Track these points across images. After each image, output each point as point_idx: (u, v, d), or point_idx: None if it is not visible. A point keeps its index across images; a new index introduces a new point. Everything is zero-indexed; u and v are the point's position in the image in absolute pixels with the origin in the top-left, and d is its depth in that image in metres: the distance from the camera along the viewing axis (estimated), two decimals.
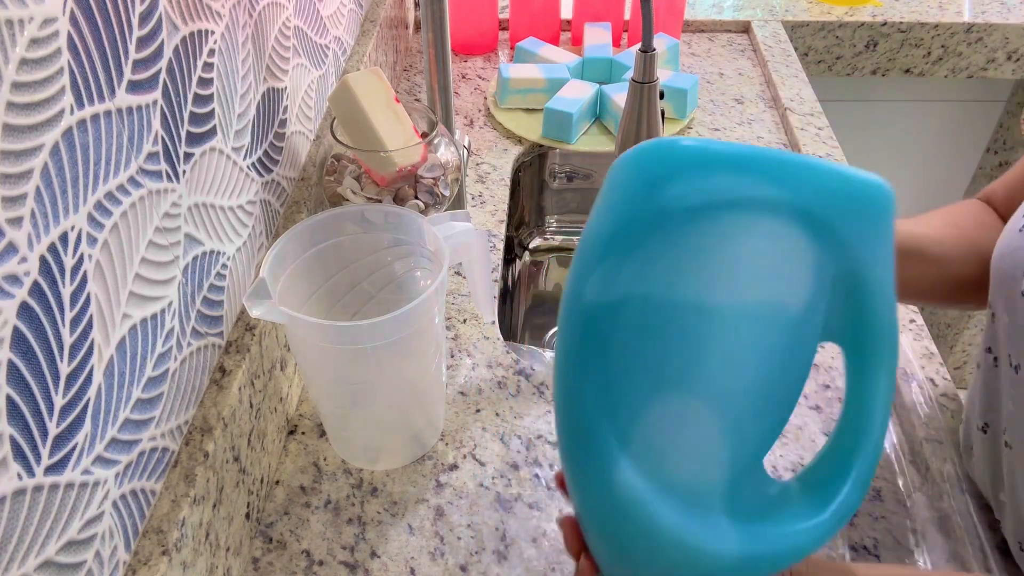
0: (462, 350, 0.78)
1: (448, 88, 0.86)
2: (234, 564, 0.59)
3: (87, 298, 0.42)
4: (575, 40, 1.28)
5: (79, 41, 0.40)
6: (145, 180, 0.47)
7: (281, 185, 0.72)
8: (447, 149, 0.75)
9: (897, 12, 1.37)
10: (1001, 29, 1.34)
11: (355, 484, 0.67)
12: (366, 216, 0.64)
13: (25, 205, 0.36)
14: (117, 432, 0.45)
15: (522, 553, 0.62)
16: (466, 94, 1.18)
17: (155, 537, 0.48)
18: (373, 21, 1.03)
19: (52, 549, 0.40)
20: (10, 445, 0.36)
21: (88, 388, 0.42)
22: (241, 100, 0.62)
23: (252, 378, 0.61)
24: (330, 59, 0.87)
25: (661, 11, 1.21)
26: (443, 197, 0.73)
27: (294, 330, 0.57)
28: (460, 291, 0.85)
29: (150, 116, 0.48)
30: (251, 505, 0.62)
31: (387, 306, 0.68)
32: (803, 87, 1.16)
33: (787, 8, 1.38)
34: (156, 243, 0.49)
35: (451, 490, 0.66)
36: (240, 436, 0.59)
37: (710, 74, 1.23)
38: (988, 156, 1.60)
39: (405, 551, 0.62)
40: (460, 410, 0.72)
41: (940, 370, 0.74)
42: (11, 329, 0.36)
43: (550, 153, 1.10)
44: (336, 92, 0.69)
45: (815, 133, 1.06)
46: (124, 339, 0.45)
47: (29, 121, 0.37)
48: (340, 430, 0.67)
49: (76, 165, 0.40)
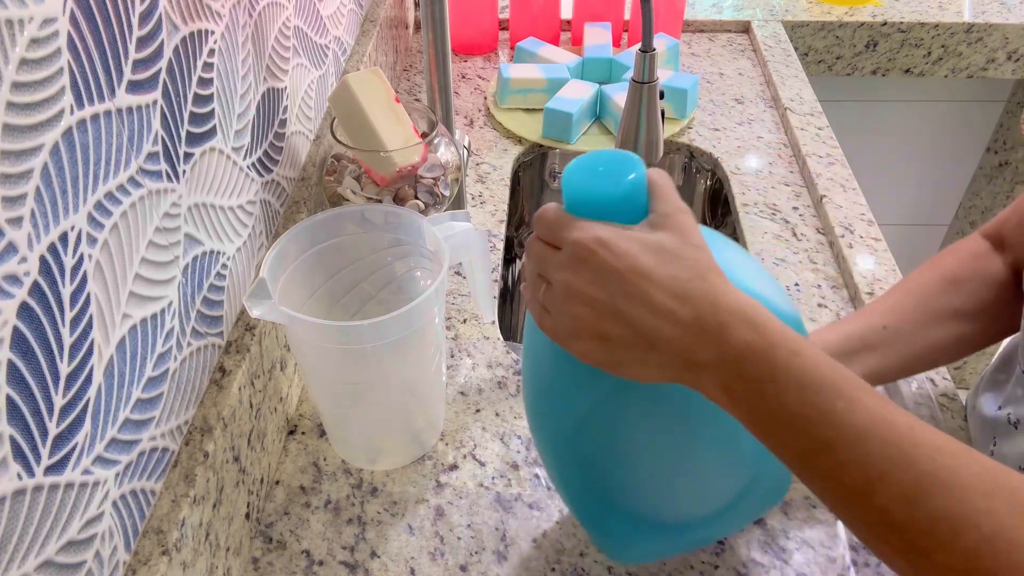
0: (462, 350, 0.78)
1: (448, 88, 0.86)
2: (234, 564, 0.59)
3: (87, 298, 0.42)
4: (575, 40, 1.28)
5: (79, 41, 0.40)
6: (145, 180, 0.47)
7: (281, 185, 0.72)
8: (447, 149, 0.75)
9: (897, 12, 1.37)
10: (1001, 29, 1.34)
11: (355, 484, 0.67)
12: (366, 216, 0.64)
13: (25, 205, 0.36)
14: (117, 432, 0.45)
15: (522, 553, 0.62)
16: (466, 94, 1.18)
17: (155, 537, 0.48)
18: (373, 21, 1.03)
19: (52, 549, 0.40)
20: (10, 445, 0.36)
21: (88, 388, 0.42)
22: (241, 100, 0.62)
23: (252, 378, 0.61)
24: (330, 59, 0.87)
25: (661, 11, 1.21)
26: (443, 197, 0.73)
27: (294, 330, 0.57)
28: (460, 291, 0.85)
29: (150, 116, 0.48)
30: (251, 505, 0.62)
31: (387, 306, 0.68)
32: (803, 87, 1.16)
33: (787, 8, 1.38)
34: (156, 243, 0.49)
35: (451, 490, 0.66)
36: (240, 436, 0.59)
37: (710, 74, 1.23)
38: (988, 156, 1.60)
39: (405, 551, 0.62)
40: (460, 410, 0.72)
41: (940, 370, 0.74)
42: (11, 329, 0.36)
43: (550, 153, 1.10)
44: (336, 92, 0.69)
45: (815, 133, 1.06)
46: (124, 339, 0.45)
47: (29, 121, 0.37)
48: (340, 430, 0.67)
49: (76, 165, 0.40)
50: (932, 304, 0.61)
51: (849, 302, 0.83)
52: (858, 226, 0.90)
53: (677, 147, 1.09)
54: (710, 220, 1.12)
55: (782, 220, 0.94)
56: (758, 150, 1.07)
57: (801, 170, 1.02)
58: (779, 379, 0.37)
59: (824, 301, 0.84)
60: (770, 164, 1.04)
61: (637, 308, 0.39)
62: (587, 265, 0.40)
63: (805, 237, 0.92)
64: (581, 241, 0.40)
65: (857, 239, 0.88)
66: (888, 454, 0.35)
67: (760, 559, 0.61)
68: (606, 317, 0.40)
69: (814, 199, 0.97)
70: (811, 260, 0.89)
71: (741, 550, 0.61)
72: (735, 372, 0.38)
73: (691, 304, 0.39)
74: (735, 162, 1.04)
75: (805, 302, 0.83)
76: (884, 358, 0.61)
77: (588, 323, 0.40)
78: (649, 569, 0.60)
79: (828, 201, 0.94)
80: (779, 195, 0.99)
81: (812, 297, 0.84)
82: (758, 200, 0.98)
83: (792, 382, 0.37)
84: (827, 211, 0.93)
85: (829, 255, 0.89)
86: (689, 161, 1.11)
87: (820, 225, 0.94)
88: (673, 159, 1.13)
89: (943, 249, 0.67)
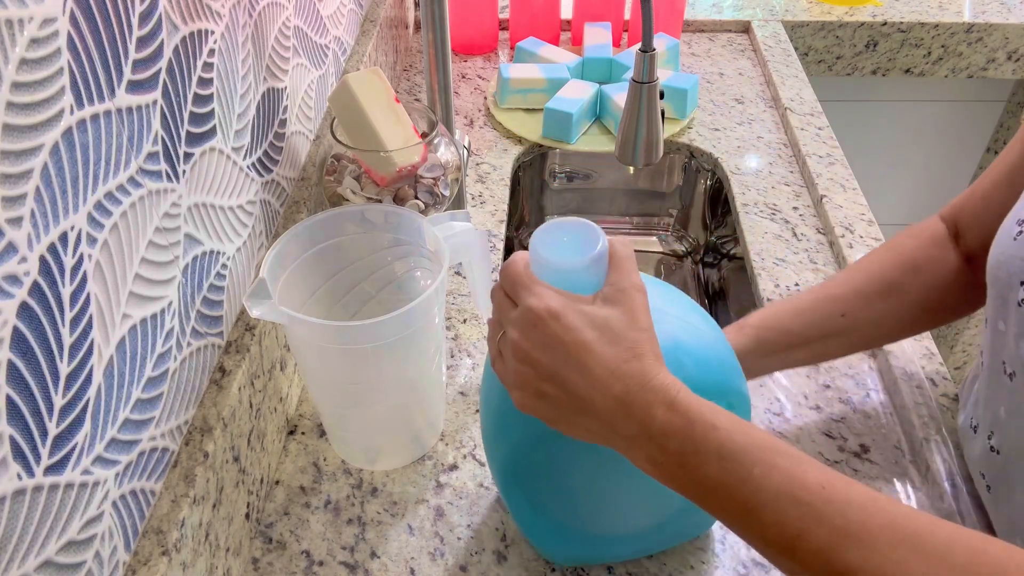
0: (462, 350, 0.78)
1: (448, 88, 0.86)
2: (234, 564, 0.58)
3: (87, 298, 0.42)
4: (575, 40, 1.28)
5: (79, 41, 0.40)
6: (145, 180, 0.47)
7: (281, 185, 0.72)
8: (447, 149, 0.75)
9: (897, 12, 1.37)
10: (1001, 29, 1.34)
11: (355, 484, 0.66)
12: (366, 216, 0.64)
13: (25, 205, 0.36)
14: (117, 432, 0.45)
15: (522, 553, 0.62)
16: (466, 94, 1.18)
17: (155, 537, 0.48)
18: (373, 21, 1.03)
19: (52, 549, 0.40)
20: (10, 445, 0.36)
21: (88, 388, 0.42)
22: (241, 100, 0.62)
23: (252, 378, 0.61)
24: (330, 59, 0.87)
25: (661, 11, 1.21)
26: (443, 197, 0.73)
27: (294, 330, 0.57)
28: (460, 291, 0.85)
29: (150, 116, 0.48)
30: (251, 505, 0.62)
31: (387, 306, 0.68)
32: (803, 87, 1.16)
33: (787, 8, 1.38)
34: (156, 243, 0.49)
35: (451, 490, 0.66)
36: (240, 436, 0.59)
37: (710, 74, 1.23)
38: (988, 156, 1.60)
39: (405, 551, 0.62)
40: (460, 410, 0.72)
41: (940, 370, 0.74)
42: (11, 329, 0.36)
43: (550, 153, 1.10)
44: (336, 92, 0.69)
45: (815, 133, 1.06)
46: (124, 339, 0.45)
47: (29, 121, 0.37)
48: (340, 430, 0.67)
49: (76, 165, 0.40)
50: (890, 290, 0.64)
51: None
52: (858, 226, 0.90)
53: (677, 147, 1.09)
54: (710, 220, 1.12)
55: (782, 220, 0.94)
56: (758, 150, 1.07)
57: (801, 170, 1.02)
58: (699, 452, 0.40)
59: None
60: (770, 164, 1.04)
61: (575, 376, 0.42)
62: (536, 331, 0.43)
63: (805, 237, 0.92)
64: (535, 308, 0.43)
65: (857, 239, 0.88)
66: (802, 513, 0.38)
67: (760, 559, 0.61)
68: (546, 379, 0.43)
69: (814, 199, 0.97)
70: (811, 260, 0.89)
71: (741, 550, 0.61)
72: (658, 446, 0.41)
73: (623, 382, 0.42)
74: (735, 162, 1.04)
75: None
76: (844, 344, 0.67)
77: (529, 380, 0.44)
78: (649, 569, 0.60)
79: (828, 201, 0.94)
80: (779, 195, 0.99)
81: None
82: (758, 200, 0.98)
83: (711, 454, 0.40)
84: (827, 211, 0.93)
85: (829, 255, 0.89)
86: (689, 161, 1.11)
87: (820, 225, 0.94)
88: (673, 159, 1.13)
89: (901, 231, 0.68)
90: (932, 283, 0.64)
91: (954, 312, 0.66)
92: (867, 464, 0.68)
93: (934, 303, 0.65)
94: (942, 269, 0.64)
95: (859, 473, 0.67)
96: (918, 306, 0.65)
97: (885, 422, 0.72)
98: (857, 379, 0.75)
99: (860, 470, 0.67)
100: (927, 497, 0.66)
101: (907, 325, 0.67)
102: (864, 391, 0.74)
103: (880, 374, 0.76)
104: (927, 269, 0.64)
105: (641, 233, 1.20)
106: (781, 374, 0.75)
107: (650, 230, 1.20)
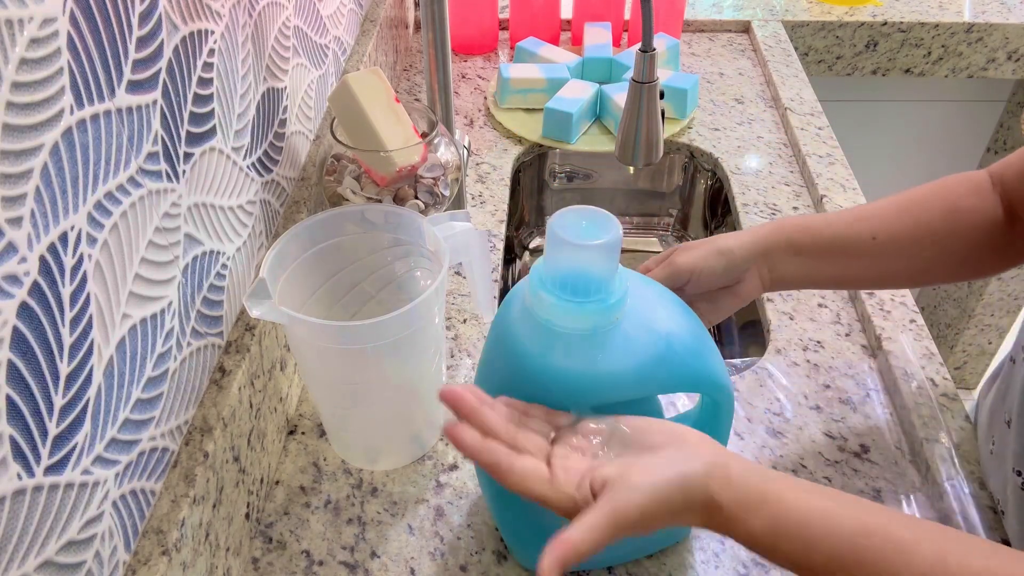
0: (462, 350, 0.78)
1: (448, 88, 0.86)
2: (234, 564, 0.59)
3: (87, 298, 0.42)
4: (575, 40, 1.28)
5: (79, 41, 0.40)
6: (145, 180, 0.47)
7: (281, 185, 0.72)
8: (447, 149, 0.75)
9: (897, 12, 1.37)
10: (1001, 29, 1.34)
11: (355, 484, 0.66)
12: (366, 216, 0.64)
13: (25, 205, 0.36)
14: (117, 432, 0.45)
15: None
16: (466, 94, 1.18)
17: (155, 537, 0.48)
18: (373, 21, 1.03)
19: (52, 549, 0.40)
20: (10, 445, 0.36)
21: (88, 388, 0.42)
22: (241, 100, 0.62)
23: (252, 378, 0.61)
24: (330, 59, 0.87)
25: (661, 11, 1.21)
26: (443, 197, 0.73)
27: (294, 330, 0.57)
28: (460, 291, 0.85)
29: (150, 116, 0.48)
30: (251, 505, 0.62)
31: (387, 306, 0.68)
32: (803, 87, 1.16)
33: (787, 8, 1.38)
34: (156, 243, 0.49)
35: (451, 490, 0.66)
36: (240, 436, 0.59)
37: (710, 74, 1.23)
38: (988, 156, 1.60)
39: (405, 551, 0.62)
40: None
41: (940, 370, 0.74)
42: (11, 329, 0.36)
43: (550, 153, 1.10)
44: (336, 92, 0.69)
45: (815, 133, 1.06)
46: (124, 339, 0.45)
47: (29, 121, 0.37)
48: (340, 430, 0.67)
49: (76, 165, 0.40)
50: (928, 228, 0.62)
51: (849, 302, 0.83)
52: None
53: (677, 147, 1.09)
54: (710, 220, 1.12)
55: None
56: (758, 150, 1.07)
57: (801, 170, 1.02)
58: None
59: (824, 301, 0.84)
60: (770, 164, 1.04)
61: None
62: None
63: None
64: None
65: None
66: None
67: (760, 559, 0.61)
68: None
69: (814, 199, 0.97)
70: None
71: (741, 550, 0.61)
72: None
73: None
74: (735, 162, 1.04)
75: (805, 302, 0.83)
76: (865, 268, 0.64)
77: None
78: (649, 569, 0.60)
79: (828, 201, 0.94)
80: (779, 195, 0.99)
81: (812, 297, 0.84)
82: (758, 200, 0.98)
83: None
84: (827, 211, 0.92)
85: None
86: (689, 161, 1.11)
87: None
88: (673, 159, 1.13)
89: (949, 176, 0.66)
90: (973, 228, 0.62)
91: (988, 266, 0.64)
92: (867, 464, 0.68)
93: (970, 249, 0.63)
94: (985, 215, 0.62)
95: (859, 473, 0.67)
96: (953, 250, 0.63)
97: (885, 422, 0.72)
98: (857, 379, 0.75)
99: (860, 470, 0.67)
100: (927, 497, 0.66)
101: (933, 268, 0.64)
102: (864, 391, 0.74)
103: (880, 374, 0.76)
104: (969, 213, 0.62)
105: (641, 233, 1.20)
106: (781, 374, 0.75)
107: (650, 230, 1.20)
